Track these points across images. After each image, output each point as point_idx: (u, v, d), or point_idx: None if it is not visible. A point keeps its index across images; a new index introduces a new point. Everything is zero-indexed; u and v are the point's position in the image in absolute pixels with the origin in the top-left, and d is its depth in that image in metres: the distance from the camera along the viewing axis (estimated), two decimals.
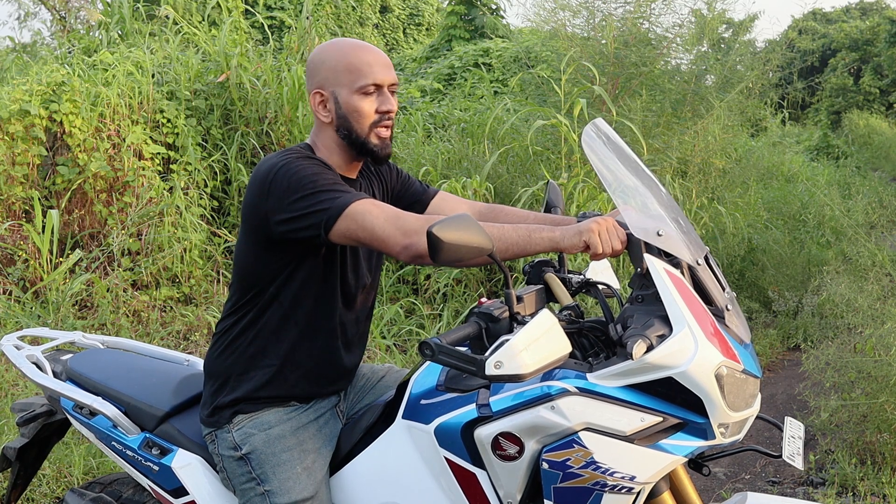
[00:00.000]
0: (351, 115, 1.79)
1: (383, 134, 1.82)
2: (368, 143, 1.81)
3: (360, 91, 1.78)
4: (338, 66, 1.79)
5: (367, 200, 1.65)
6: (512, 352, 1.36)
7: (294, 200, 1.67)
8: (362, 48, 1.82)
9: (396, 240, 1.61)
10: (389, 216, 1.63)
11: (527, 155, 5.70)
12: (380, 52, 1.83)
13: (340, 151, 1.85)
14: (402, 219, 1.62)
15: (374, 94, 1.79)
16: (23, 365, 2.21)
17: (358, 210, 1.62)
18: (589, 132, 1.72)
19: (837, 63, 29.17)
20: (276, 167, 1.71)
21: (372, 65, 1.79)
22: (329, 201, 1.64)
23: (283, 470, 1.78)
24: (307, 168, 1.70)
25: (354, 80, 1.78)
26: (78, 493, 2.17)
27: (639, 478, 1.48)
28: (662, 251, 1.58)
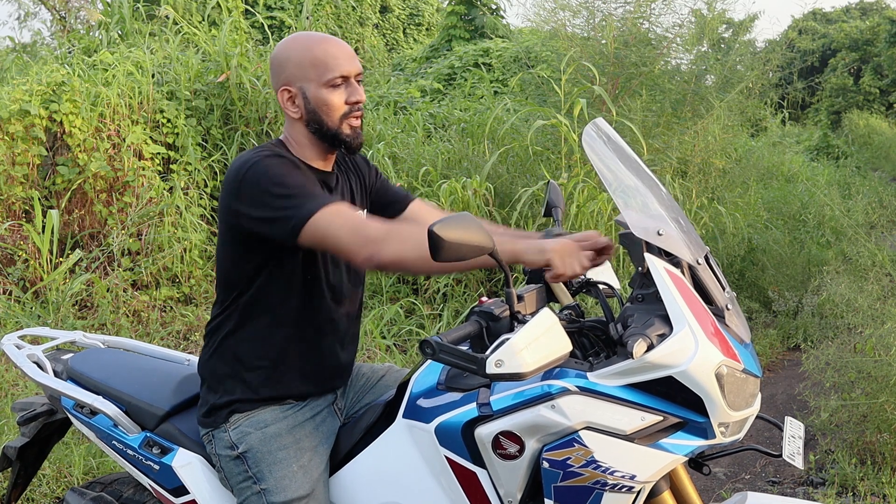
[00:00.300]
0: (321, 109, 1.80)
1: (354, 124, 1.83)
2: (340, 133, 1.82)
3: (328, 84, 1.79)
4: (303, 61, 1.80)
5: (332, 208, 1.65)
6: (512, 350, 1.36)
7: (263, 201, 1.68)
8: (326, 41, 1.82)
9: (359, 250, 1.62)
10: (353, 226, 1.63)
11: (527, 155, 5.70)
12: (343, 44, 1.84)
13: (312, 146, 1.86)
14: (366, 228, 1.63)
15: (342, 86, 1.80)
16: (24, 364, 2.21)
17: (323, 219, 1.63)
18: (589, 132, 1.72)
19: (837, 63, 29.17)
20: (246, 165, 1.72)
21: (337, 57, 1.79)
22: (296, 208, 1.65)
23: (279, 468, 1.78)
24: (277, 168, 1.70)
25: (322, 74, 1.78)
26: (78, 493, 2.17)
27: (639, 477, 1.48)
28: (663, 251, 1.59)
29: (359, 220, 1.65)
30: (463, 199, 5.31)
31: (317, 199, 1.66)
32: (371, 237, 1.61)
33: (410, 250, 1.59)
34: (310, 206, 1.64)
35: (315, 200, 1.65)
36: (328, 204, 1.65)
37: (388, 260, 1.61)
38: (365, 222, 1.65)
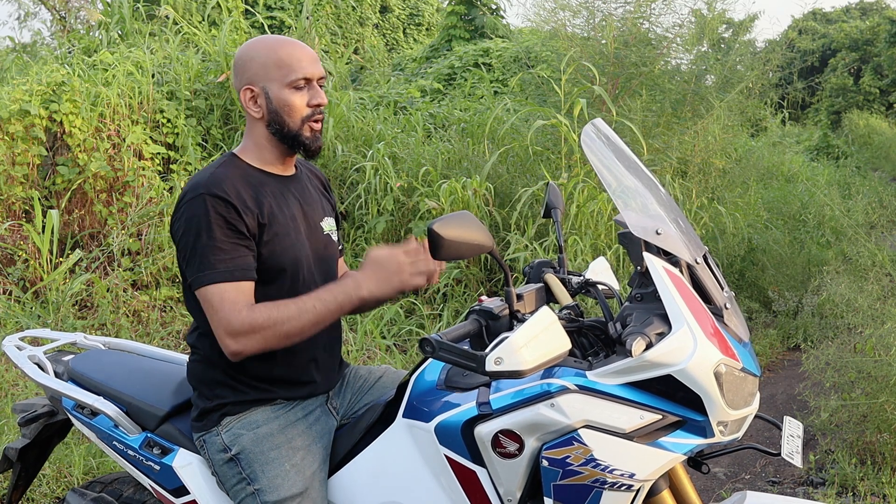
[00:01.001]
0: (283, 110, 1.82)
1: (315, 127, 1.85)
2: (301, 136, 1.84)
3: (291, 85, 1.81)
4: (267, 61, 1.82)
5: (215, 289, 1.71)
6: (512, 348, 1.36)
7: (183, 241, 1.76)
8: (290, 43, 1.85)
9: (225, 346, 1.72)
10: (221, 318, 1.71)
11: (527, 155, 5.70)
12: (307, 47, 1.86)
13: (272, 147, 1.88)
14: (230, 323, 1.70)
15: (304, 89, 1.82)
16: (24, 365, 2.21)
17: (208, 296, 1.72)
18: (588, 132, 1.72)
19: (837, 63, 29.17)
20: (188, 196, 1.77)
21: (301, 59, 1.82)
22: (197, 270, 1.72)
23: (272, 468, 1.78)
24: (206, 217, 1.72)
25: (285, 75, 1.81)
26: (79, 493, 2.17)
27: (638, 475, 1.48)
28: (662, 250, 1.59)
29: (227, 312, 1.70)
30: (463, 199, 5.31)
31: (215, 272, 1.71)
32: (234, 330, 1.70)
33: (273, 337, 1.71)
34: (205, 277, 1.71)
35: (213, 273, 1.71)
36: (220, 281, 1.71)
37: (248, 353, 1.72)
38: (231, 315, 1.70)
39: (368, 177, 5.83)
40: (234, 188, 1.76)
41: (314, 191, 2.03)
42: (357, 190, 5.94)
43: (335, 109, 6.65)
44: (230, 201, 1.74)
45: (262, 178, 1.86)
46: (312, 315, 1.72)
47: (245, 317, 1.69)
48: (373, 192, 5.81)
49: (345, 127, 6.69)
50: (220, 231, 1.72)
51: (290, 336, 1.72)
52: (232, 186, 1.76)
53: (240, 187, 1.78)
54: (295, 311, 1.71)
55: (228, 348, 1.71)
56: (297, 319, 1.70)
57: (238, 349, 1.71)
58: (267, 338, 1.70)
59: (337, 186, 6.32)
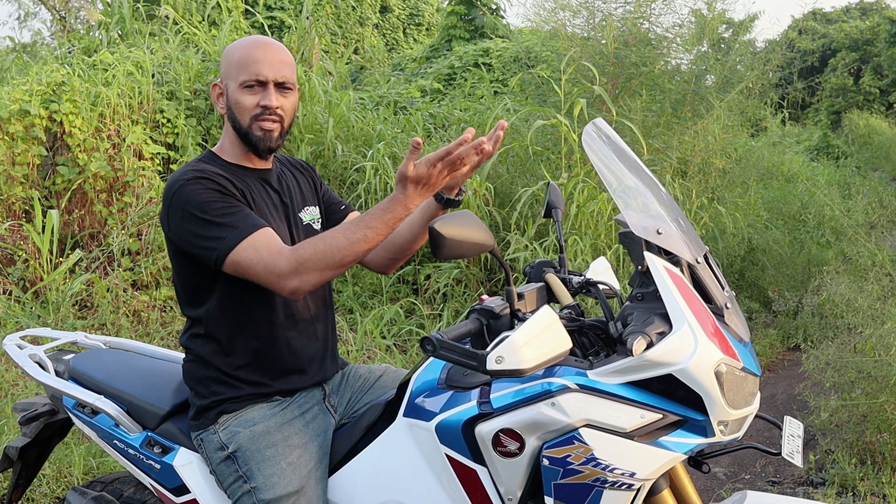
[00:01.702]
0: (234, 108, 1.87)
1: (266, 126, 1.86)
2: (250, 134, 1.87)
3: (243, 85, 1.85)
4: (232, 60, 1.87)
5: (248, 241, 1.69)
6: (513, 347, 1.36)
7: (187, 230, 1.75)
8: (256, 45, 1.87)
9: (278, 288, 1.70)
10: (266, 264, 1.68)
11: (527, 155, 5.70)
12: (276, 51, 1.88)
13: (239, 144, 1.91)
14: (277, 265, 1.67)
15: (256, 89, 1.85)
16: (25, 364, 2.22)
17: (241, 254, 1.69)
18: (589, 132, 1.73)
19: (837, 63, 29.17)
20: (171, 191, 1.77)
21: (259, 61, 1.84)
22: (216, 240, 1.71)
23: (268, 466, 1.79)
24: (198, 194, 1.73)
25: (239, 75, 1.85)
26: (80, 492, 2.17)
27: (639, 474, 1.48)
28: (662, 249, 1.59)
29: (269, 256, 1.68)
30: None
31: (235, 230, 1.70)
32: (284, 273, 1.67)
33: (326, 268, 1.67)
34: (228, 241, 1.70)
35: (233, 232, 1.70)
36: (245, 236, 1.69)
37: (308, 289, 1.69)
38: (275, 257, 1.68)
39: (368, 177, 5.83)
40: (216, 175, 1.80)
41: (293, 181, 2.06)
42: (357, 190, 5.94)
43: (335, 109, 6.66)
44: (216, 181, 1.77)
45: (239, 172, 1.90)
46: (363, 244, 1.66)
47: (290, 255, 1.68)
48: (373, 192, 5.81)
49: (345, 127, 6.69)
50: (221, 200, 1.74)
51: (343, 264, 1.68)
52: (213, 173, 1.80)
53: (219, 177, 1.81)
54: (344, 242, 1.66)
55: (284, 289, 1.68)
56: (347, 249, 1.66)
57: (295, 286, 1.67)
58: (320, 269, 1.66)
59: (337, 186, 6.33)
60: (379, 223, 1.66)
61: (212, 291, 1.85)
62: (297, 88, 1.94)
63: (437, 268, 5.35)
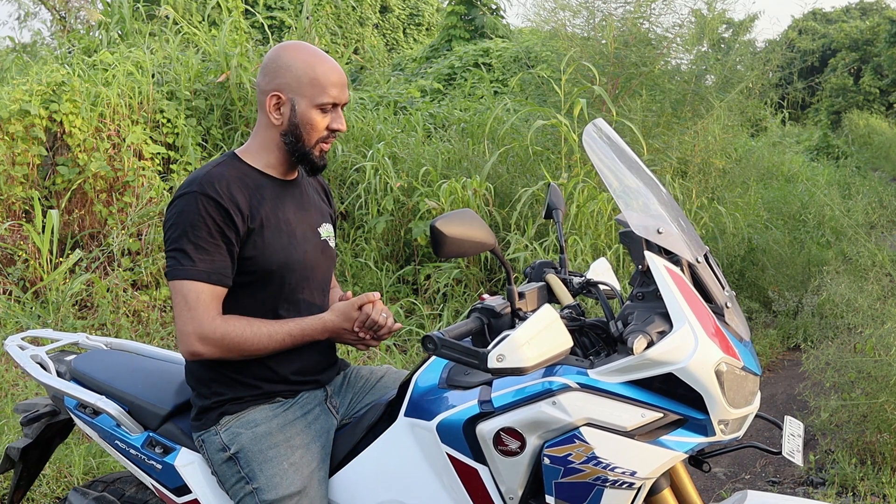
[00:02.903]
0: (303, 127, 1.85)
1: (325, 148, 1.90)
2: (311, 154, 1.89)
3: (319, 107, 1.84)
4: (303, 76, 1.83)
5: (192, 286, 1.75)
6: (514, 345, 1.37)
7: (168, 235, 1.80)
8: (328, 63, 1.87)
9: (185, 342, 1.77)
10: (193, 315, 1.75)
11: (527, 155, 5.71)
12: (341, 71, 1.89)
13: (279, 153, 1.90)
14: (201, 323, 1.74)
15: (329, 112, 1.86)
16: (27, 364, 2.22)
17: (176, 290, 1.77)
18: (590, 132, 1.73)
19: (837, 63, 29.18)
20: (182, 191, 1.80)
21: (335, 84, 1.85)
22: (175, 261, 1.77)
23: (270, 466, 1.79)
24: (194, 214, 1.76)
25: (316, 95, 1.83)
26: (81, 492, 2.17)
27: (639, 473, 1.48)
28: (663, 249, 1.59)
29: (200, 311, 1.74)
30: (463, 199, 5.31)
31: (193, 266, 1.75)
32: (199, 334, 1.75)
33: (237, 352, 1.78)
34: (181, 271, 1.75)
35: (190, 266, 1.75)
36: (196, 279, 1.75)
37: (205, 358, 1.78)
38: (203, 315, 1.75)
39: (368, 177, 5.83)
40: (228, 189, 1.79)
41: (314, 196, 2.05)
42: (357, 190, 5.94)
43: None
44: (221, 203, 1.77)
45: (260, 181, 1.88)
46: (278, 345, 1.81)
47: (219, 326, 1.75)
48: (373, 192, 5.81)
49: None
50: (206, 231, 1.75)
51: (252, 355, 1.80)
52: (226, 187, 1.79)
53: (235, 188, 1.80)
54: (265, 337, 1.79)
55: (191, 348, 1.76)
56: (264, 344, 1.79)
57: (201, 352, 1.76)
58: (231, 351, 1.77)
59: (337, 186, 6.33)
60: (298, 333, 1.82)
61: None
62: None
63: (437, 268, 5.36)
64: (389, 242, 5.89)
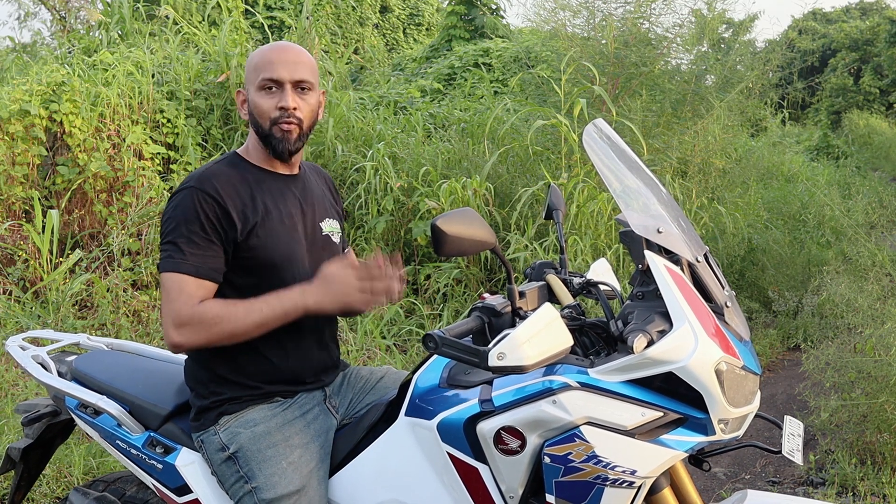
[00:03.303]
0: (255, 111, 1.87)
1: (285, 128, 1.87)
2: (271, 137, 1.88)
3: (260, 87, 1.86)
4: (250, 65, 1.89)
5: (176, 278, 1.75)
6: (514, 343, 1.37)
7: (163, 228, 1.82)
8: (275, 47, 1.88)
9: (167, 335, 1.76)
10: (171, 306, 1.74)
11: (527, 155, 5.71)
12: (291, 52, 1.88)
13: (262, 147, 1.92)
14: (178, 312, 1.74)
15: (274, 90, 1.85)
16: (28, 365, 2.22)
17: (165, 283, 1.76)
18: (590, 132, 1.73)
19: (837, 63, 29.18)
20: (181, 188, 1.82)
21: (274, 62, 1.84)
22: (165, 254, 1.78)
23: (269, 466, 1.79)
24: (187, 211, 1.77)
25: (256, 77, 1.86)
26: (81, 492, 2.17)
27: (639, 472, 1.49)
28: (663, 248, 1.59)
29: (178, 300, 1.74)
30: (463, 199, 5.32)
31: (181, 259, 1.75)
32: (177, 321, 1.73)
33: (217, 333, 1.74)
34: (169, 263, 1.76)
35: (178, 258, 1.75)
36: (182, 271, 1.75)
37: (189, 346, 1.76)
38: (182, 305, 1.74)
39: (368, 177, 5.84)
40: (228, 185, 1.81)
41: (317, 191, 2.05)
42: (357, 190, 5.94)
43: (335, 109, 6.66)
44: (219, 199, 1.78)
45: (261, 176, 1.90)
46: (258, 317, 1.75)
47: (195, 310, 1.74)
48: (373, 192, 5.81)
49: (345, 127, 6.69)
50: (199, 226, 1.77)
51: (234, 335, 1.76)
52: (226, 183, 1.81)
53: (234, 184, 1.82)
54: (242, 312, 1.75)
55: (171, 339, 1.75)
56: (242, 320, 1.75)
57: (180, 341, 1.74)
58: (211, 333, 1.74)
59: (337, 186, 6.33)
60: (275, 301, 1.76)
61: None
62: (317, 89, 1.93)
63: (437, 268, 5.36)
64: (389, 242, 5.89)
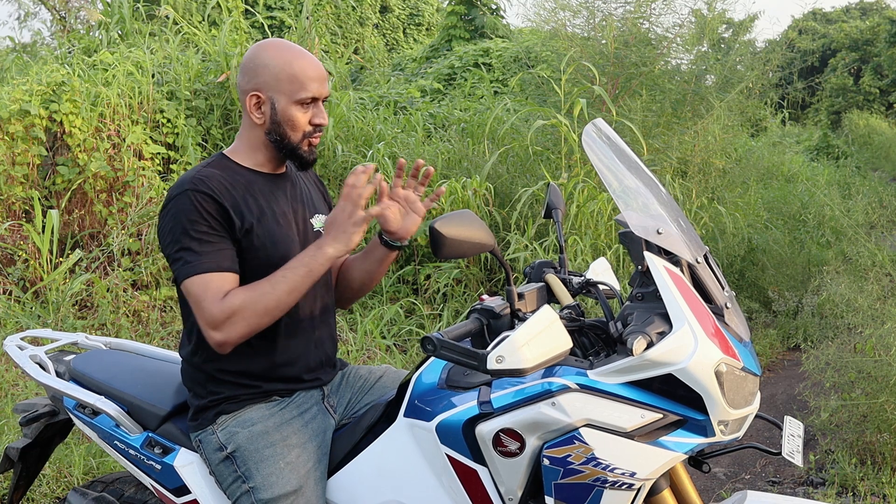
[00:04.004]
0: (286, 124, 1.85)
1: (313, 142, 1.89)
2: (299, 149, 1.88)
3: (299, 103, 1.83)
4: (280, 73, 1.83)
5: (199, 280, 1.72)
6: (513, 346, 1.37)
7: (167, 240, 1.78)
8: (304, 58, 1.85)
9: (208, 334, 1.74)
10: (202, 308, 1.72)
11: (527, 155, 5.70)
12: (319, 65, 1.88)
13: (266, 151, 1.90)
14: (211, 311, 1.72)
15: (310, 106, 1.85)
16: (26, 365, 2.22)
17: (191, 287, 1.73)
18: (589, 132, 1.73)
19: (837, 63, 29.17)
20: (173, 194, 1.79)
21: (313, 79, 1.84)
22: (181, 263, 1.74)
23: (266, 465, 1.79)
24: (189, 213, 1.75)
25: (295, 91, 1.82)
26: (80, 493, 2.17)
27: (639, 474, 1.48)
28: (662, 249, 1.59)
29: (208, 302, 1.72)
30: (463, 199, 5.31)
31: (198, 261, 1.73)
32: (214, 322, 1.71)
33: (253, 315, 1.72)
34: (189, 268, 1.73)
35: (196, 261, 1.73)
36: (203, 271, 1.73)
37: (234, 340, 1.73)
38: (212, 305, 1.71)
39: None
40: (221, 185, 1.79)
41: (306, 188, 2.05)
42: None
43: (335, 109, 6.66)
44: (215, 197, 1.77)
45: (251, 177, 1.89)
46: (285, 284, 1.73)
47: (224, 304, 1.71)
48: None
49: (345, 127, 6.69)
50: (205, 225, 1.75)
51: (269, 311, 1.73)
52: (218, 184, 1.79)
53: (226, 185, 1.81)
54: (268, 286, 1.73)
55: (213, 339, 1.73)
56: (271, 293, 1.72)
57: (222, 339, 1.72)
58: (248, 318, 1.72)
59: (337, 186, 6.32)
60: (296, 263, 1.75)
61: None
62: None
63: (437, 268, 5.35)
64: None
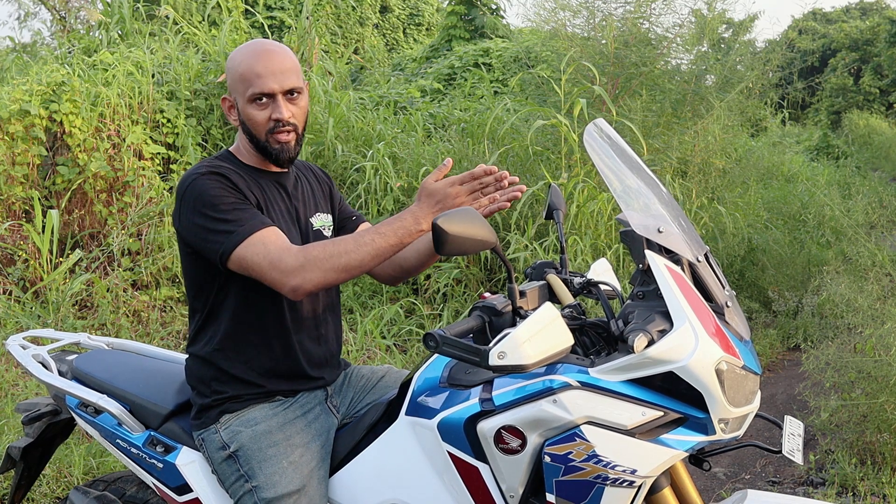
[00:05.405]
0: (248, 123, 1.85)
1: (282, 139, 1.85)
2: (268, 147, 1.86)
3: (251, 100, 1.83)
4: (235, 74, 1.84)
5: (255, 237, 1.69)
6: (515, 343, 1.37)
7: (196, 224, 1.75)
8: (255, 55, 1.83)
9: (281, 284, 1.68)
10: (271, 260, 1.67)
11: (527, 155, 5.70)
12: (278, 58, 1.84)
13: (256, 152, 1.91)
14: (282, 261, 1.67)
15: (266, 102, 1.83)
16: (29, 364, 2.22)
17: (246, 251, 1.69)
18: (590, 132, 1.73)
19: (837, 63, 29.18)
20: (185, 184, 1.78)
21: (261, 74, 1.81)
22: (223, 235, 1.71)
23: (269, 465, 1.79)
24: (211, 189, 1.74)
25: (245, 90, 1.83)
26: (82, 492, 2.18)
27: (640, 471, 1.49)
28: (663, 248, 1.60)
29: (276, 252, 1.68)
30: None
31: (243, 226, 1.70)
32: (289, 269, 1.66)
33: (330, 269, 1.66)
34: (236, 237, 1.70)
35: (241, 227, 1.70)
36: (253, 232, 1.70)
37: (310, 289, 1.68)
38: (282, 253, 1.68)
39: (368, 177, 5.84)
40: (231, 173, 1.81)
41: (307, 186, 2.05)
42: (357, 190, 5.94)
43: (335, 109, 6.66)
44: (230, 179, 1.78)
45: (255, 175, 1.90)
46: (371, 248, 1.68)
47: (297, 252, 1.68)
48: (373, 192, 5.81)
49: (345, 127, 6.69)
50: (233, 196, 1.76)
51: (348, 269, 1.68)
52: (229, 171, 1.81)
53: (235, 176, 1.82)
54: (352, 245, 1.68)
55: (286, 285, 1.67)
56: (354, 252, 1.67)
57: (297, 283, 1.66)
58: (326, 270, 1.66)
59: (337, 186, 6.32)
60: (388, 230, 1.69)
61: (218, 290, 1.85)
62: (305, 89, 1.91)
63: (437, 268, 5.36)
64: None
